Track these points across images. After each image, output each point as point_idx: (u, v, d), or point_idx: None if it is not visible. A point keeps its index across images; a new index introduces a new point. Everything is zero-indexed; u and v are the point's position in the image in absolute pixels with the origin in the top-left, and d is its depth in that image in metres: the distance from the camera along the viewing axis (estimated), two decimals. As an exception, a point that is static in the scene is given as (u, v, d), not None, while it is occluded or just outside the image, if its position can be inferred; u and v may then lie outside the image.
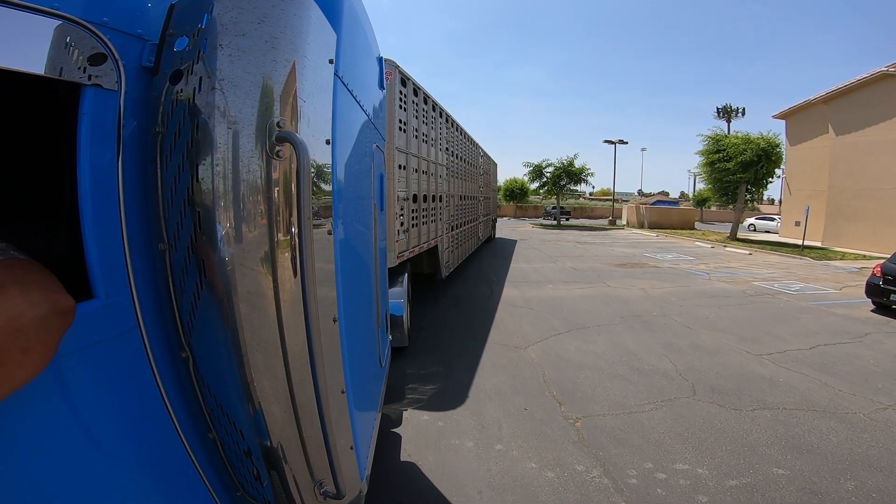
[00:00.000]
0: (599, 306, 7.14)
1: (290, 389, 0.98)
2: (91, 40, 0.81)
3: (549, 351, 5.03)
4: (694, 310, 7.03)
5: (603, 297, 7.81)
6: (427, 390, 3.96)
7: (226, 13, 0.89)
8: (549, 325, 6.03)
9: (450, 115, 7.85)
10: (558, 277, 9.74)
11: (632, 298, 7.79)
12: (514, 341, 5.35)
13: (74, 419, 0.81)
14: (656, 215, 28.71)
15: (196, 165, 0.86)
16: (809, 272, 11.31)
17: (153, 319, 0.95)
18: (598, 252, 14.90)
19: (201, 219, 0.87)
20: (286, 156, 0.91)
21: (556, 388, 4.04)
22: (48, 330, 0.65)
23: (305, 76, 0.98)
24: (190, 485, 1.05)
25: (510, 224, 29.75)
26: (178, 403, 1.00)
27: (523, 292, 8.10)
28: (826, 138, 18.24)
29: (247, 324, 0.90)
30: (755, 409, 3.68)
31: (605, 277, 9.86)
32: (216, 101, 0.86)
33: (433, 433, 3.26)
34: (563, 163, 28.72)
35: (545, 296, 7.88)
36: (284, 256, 0.93)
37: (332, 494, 1.09)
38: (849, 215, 16.69)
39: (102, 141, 0.85)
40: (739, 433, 3.30)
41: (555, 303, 7.34)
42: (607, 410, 3.64)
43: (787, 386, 4.18)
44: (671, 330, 5.91)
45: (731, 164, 18.05)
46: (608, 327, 6.00)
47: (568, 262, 12.33)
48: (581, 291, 8.33)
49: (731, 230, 19.99)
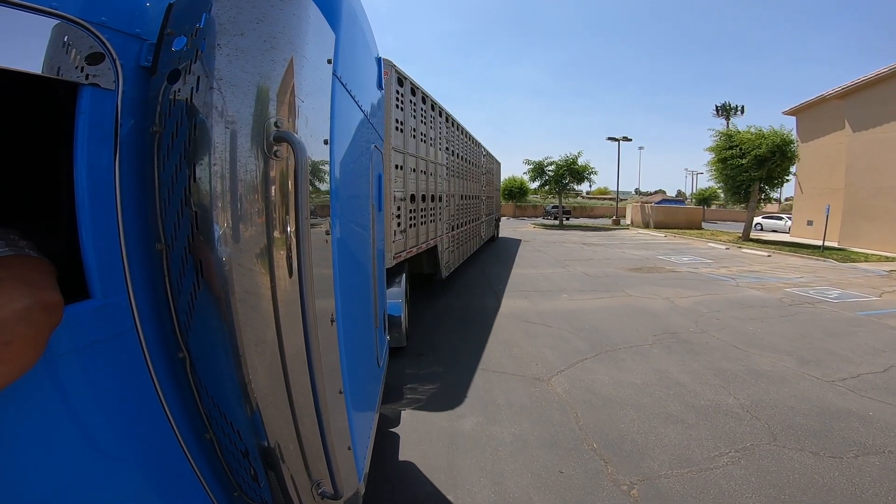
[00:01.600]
0: (625, 321, 6.20)
1: (287, 389, 0.98)
2: (89, 40, 0.81)
3: (578, 383, 4.10)
4: (733, 323, 6.13)
5: (627, 310, 6.85)
6: (424, 453, 2.94)
7: (224, 13, 0.89)
8: (571, 348, 5.04)
9: (450, 115, 7.79)
10: (572, 285, 8.78)
11: (659, 310, 6.83)
12: (534, 370, 4.39)
13: (71, 419, 0.80)
14: (662, 215, 27.69)
15: (194, 165, 0.86)
16: (839, 276, 10.45)
17: (150, 320, 0.95)
18: (607, 255, 13.87)
19: (199, 219, 0.87)
20: (284, 155, 0.91)
21: (596, 438, 3.15)
22: (31, 324, 0.65)
23: (304, 76, 0.98)
24: (187, 485, 1.05)
25: (510, 224, 28.84)
26: (175, 404, 1.00)
27: (535, 304, 7.12)
28: (841, 135, 17.39)
29: (244, 324, 0.90)
30: (857, 456, 2.92)
31: (624, 285, 8.90)
32: (214, 101, 0.85)
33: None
34: (566, 160, 27.64)
35: (561, 308, 6.87)
36: (282, 256, 0.93)
37: (330, 494, 1.09)
38: (867, 214, 15.75)
39: (100, 140, 0.85)
40: (850, 490, 2.55)
41: (574, 317, 6.36)
42: (669, 469, 2.78)
43: (883, 423, 3.38)
44: (717, 351, 5.00)
45: (744, 160, 16.99)
46: (642, 349, 5.04)
47: (578, 266, 11.34)
48: (601, 302, 7.31)
49: (743, 230, 19.13)
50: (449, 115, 7.71)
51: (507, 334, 5.56)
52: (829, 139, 18.51)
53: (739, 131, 18.21)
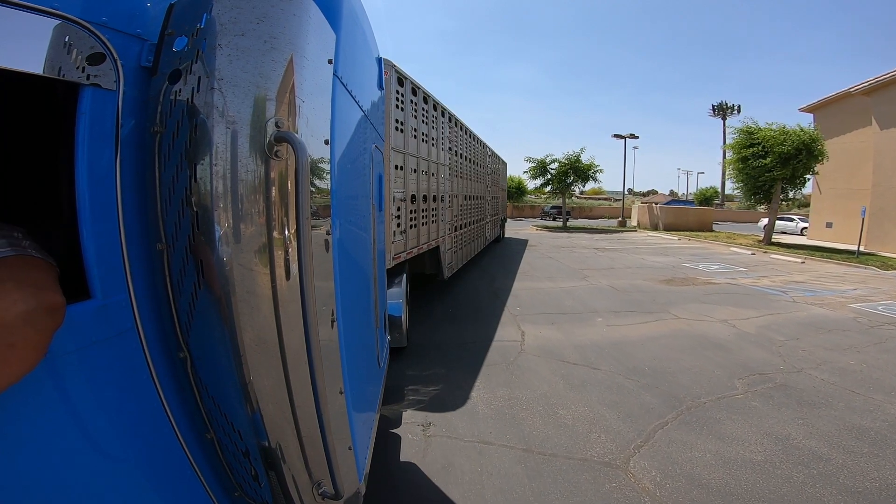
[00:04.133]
0: (691, 357, 4.80)
1: (288, 390, 0.98)
2: (90, 40, 0.81)
3: (671, 467, 2.76)
4: (826, 356, 4.91)
5: (685, 339, 5.42)
6: None
7: (225, 13, 0.89)
8: (639, 404, 3.65)
9: (453, 115, 7.73)
10: (603, 304, 7.26)
11: (725, 339, 5.45)
12: (597, 448, 2.98)
13: (72, 419, 0.81)
14: (672, 216, 26.35)
15: (194, 165, 0.86)
16: (894, 286, 9.44)
17: (151, 320, 0.95)
18: (627, 262, 12.40)
19: (199, 219, 0.87)
20: (285, 156, 0.91)
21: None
22: (35, 327, 0.65)
23: (304, 76, 0.98)
24: (187, 485, 1.05)
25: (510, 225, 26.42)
26: (175, 404, 1.00)
27: (568, 334, 5.56)
28: (865, 132, 16.46)
29: (245, 324, 0.90)
30: None
31: (664, 302, 7.43)
32: (215, 101, 0.86)
33: None
34: (570, 158, 25.75)
35: (602, 339, 5.35)
36: (282, 256, 0.93)
37: (331, 495, 1.09)
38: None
39: (101, 141, 0.85)
40: None
41: (623, 353, 4.88)
42: None
43: None
44: (835, 399, 3.82)
45: (767, 159, 15.73)
46: (735, 401, 3.74)
47: (601, 277, 9.80)
48: (647, 329, 5.85)
49: (764, 234, 17.68)
50: (452, 115, 7.67)
51: (543, 385, 4.00)
52: (850, 137, 17.43)
53: (760, 128, 16.82)
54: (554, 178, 26.44)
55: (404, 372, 4.26)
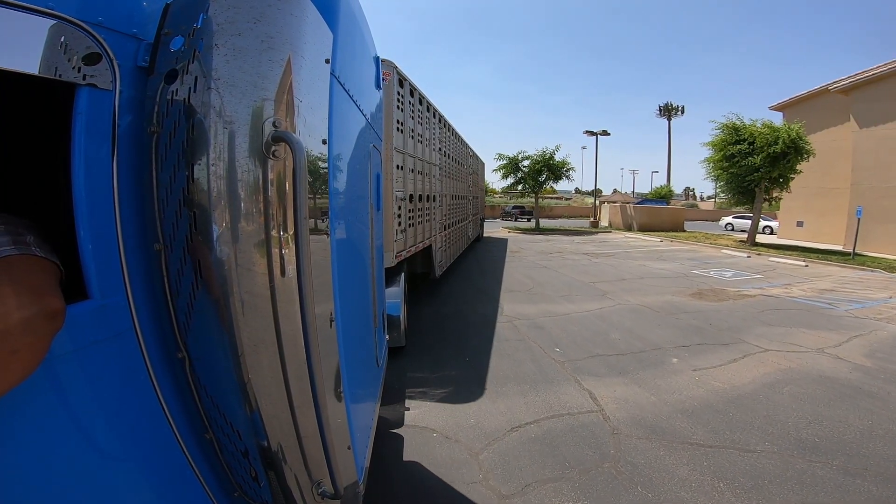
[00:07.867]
0: (843, 411, 3.55)
1: (287, 389, 0.98)
2: (86, 40, 0.81)
3: None
4: None
5: (807, 384, 4.11)
6: None
7: (221, 13, 0.89)
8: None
9: (443, 116, 7.89)
10: (658, 335, 5.54)
11: (850, 378, 4.26)
12: None
13: (70, 420, 0.80)
14: (646, 216, 25.38)
15: (192, 165, 0.86)
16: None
17: (149, 320, 0.95)
18: (632, 271, 10.82)
19: (197, 219, 0.87)
20: (282, 155, 0.91)
21: None
22: (36, 332, 0.65)
23: (302, 76, 0.98)
24: (187, 486, 1.05)
25: None
26: (174, 404, 1.00)
27: (653, 389, 3.96)
28: (838, 131, 16.34)
29: (243, 324, 0.90)
30: None
31: (725, 327, 5.93)
32: (212, 101, 0.85)
33: None
34: (544, 155, 24.26)
35: (706, 395, 3.85)
36: (280, 256, 0.93)
37: (330, 494, 1.09)
38: (877, 216, 14.30)
39: (97, 141, 0.85)
40: None
41: (753, 414, 3.48)
42: None
43: None
44: None
45: (757, 157, 14.97)
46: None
47: (623, 294, 8.00)
48: (746, 371, 4.41)
49: (748, 234, 17.10)
50: (442, 116, 7.78)
51: (699, 501, 2.44)
52: (822, 135, 17.03)
53: (746, 124, 16.10)
54: (527, 176, 24.84)
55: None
